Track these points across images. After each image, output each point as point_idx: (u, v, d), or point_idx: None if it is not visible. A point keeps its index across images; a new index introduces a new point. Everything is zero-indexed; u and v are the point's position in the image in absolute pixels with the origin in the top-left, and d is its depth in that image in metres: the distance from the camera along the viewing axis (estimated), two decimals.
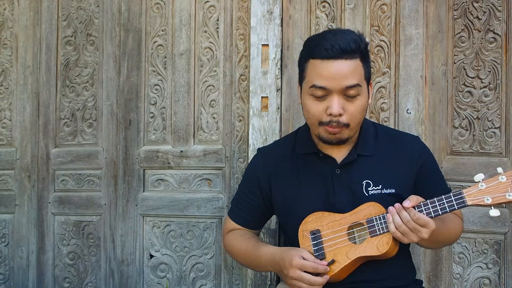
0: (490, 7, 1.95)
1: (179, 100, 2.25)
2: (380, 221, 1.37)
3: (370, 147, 1.52)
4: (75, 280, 2.38)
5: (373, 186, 1.47)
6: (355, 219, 1.41)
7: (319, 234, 1.43)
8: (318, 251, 1.42)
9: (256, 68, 2.10)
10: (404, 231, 1.33)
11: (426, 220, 1.31)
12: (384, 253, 1.37)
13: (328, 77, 1.37)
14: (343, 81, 1.37)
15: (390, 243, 1.36)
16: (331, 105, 1.38)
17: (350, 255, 1.39)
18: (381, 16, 2.04)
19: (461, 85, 1.98)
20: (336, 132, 1.42)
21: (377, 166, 1.50)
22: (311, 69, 1.41)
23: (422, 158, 1.53)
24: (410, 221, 1.31)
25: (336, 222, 1.43)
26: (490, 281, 1.95)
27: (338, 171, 1.50)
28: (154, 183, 2.28)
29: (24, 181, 2.43)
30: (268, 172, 1.58)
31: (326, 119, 1.40)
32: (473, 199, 1.30)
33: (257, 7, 2.11)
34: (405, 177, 1.50)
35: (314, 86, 1.39)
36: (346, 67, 1.37)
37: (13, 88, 2.46)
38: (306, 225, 1.46)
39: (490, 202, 1.29)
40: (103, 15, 2.35)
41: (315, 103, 1.41)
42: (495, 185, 1.29)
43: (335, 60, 1.36)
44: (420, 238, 1.33)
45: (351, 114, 1.40)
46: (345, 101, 1.39)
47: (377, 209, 1.39)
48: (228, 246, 1.67)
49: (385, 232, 1.37)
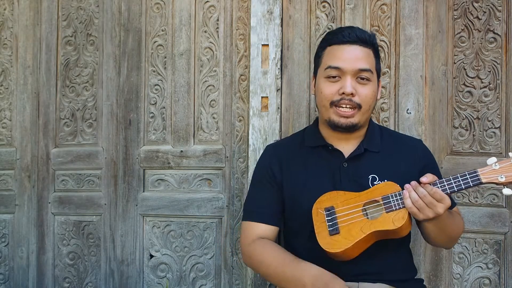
0: (490, 7, 1.95)
1: (179, 100, 2.25)
2: (396, 198, 1.40)
3: (377, 143, 1.58)
4: (75, 280, 2.38)
5: (379, 180, 1.51)
6: (370, 197, 1.43)
7: (333, 211, 1.44)
8: (333, 226, 1.42)
9: (256, 68, 2.10)
10: (420, 206, 1.36)
11: (442, 195, 1.35)
12: (399, 227, 1.37)
13: (343, 58, 1.48)
14: (357, 63, 1.47)
15: (405, 218, 1.37)
16: (344, 85, 1.47)
17: (365, 229, 1.39)
18: (381, 16, 2.04)
19: (461, 85, 1.98)
20: (348, 115, 1.48)
21: (383, 162, 1.54)
22: (328, 53, 1.52)
23: (425, 159, 1.59)
24: (427, 196, 1.35)
25: (351, 199, 1.44)
26: (490, 281, 1.95)
27: (345, 164, 1.54)
28: (154, 183, 2.28)
29: (24, 181, 2.43)
30: (280, 164, 1.61)
31: (337, 97, 1.48)
32: (487, 177, 1.35)
33: (257, 7, 2.11)
34: (409, 174, 1.52)
35: (329, 67, 1.49)
36: (360, 51, 1.48)
37: (13, 88, 2.46)
38: (320, 204, 1.47)
39: (504, 180, 1.34)
40: (103, 15, 2.35)
41: (329, 84, 1.50)
42: (509, 166, 1.35)
43: (350, 45, 1.49)
44: (435, 213, 1.36)
45: (363, 96, 1.49)
46: (357, 84, 1.49)
47: (392, 188, 1.42)
48: (256, 256, 1.54)
49: (401, 208, 1.39)
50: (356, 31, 1.50)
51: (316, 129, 1.62)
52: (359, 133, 1.56)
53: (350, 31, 1.50)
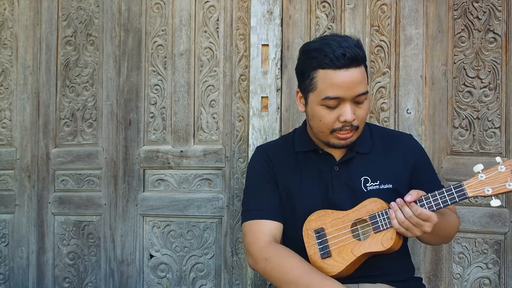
0: (490, 7, 1.95)
1: (179, 100, 2.25)
2: (383, 217, 1.38)
3: (367, 145, 1.55)
4: (75, 280, 2.38)
5: (371, 182, 1.49)
6: (358, 216, 1.42)
7: (323, 233, 1.44)
8: (324, 249, 1.43)
9: (256, 68, 2.10)
10: (408, 226, 1.34)
11: (428, 214, 1.32)
12: (388, 248, 1.38)
13: (342, 86, 1.38)
14: (356, 89, 1.39)
15: (394, 238, 1.37)
16: (344, 113, 1.40)
17: (356, 252, 1.39)
18: (381, 16, 2.04)
19: (461, 85, 1.98)
20: (347, 138, 1.45)
21: (374, 163, 1.52)
22: (323, 79, 1.40)
23: (416, 154, 1.57)
24: (413, 217, 1.33)
25: (339, 219, 1.44)
26: (490, 281, 1.95)
27: (336, 168, 1.52)
28: (154, 183, 2.28)
29: (24, 181, 2.43)
30: (273, 168, 1.58)
31: (338, 126, 1.43)
32: (473, 190, 1.30)
33: (257, 7, 2.11)
34: (401, 172, 1.52)
35: (328, 97, 1.40)
36: (358, 75, 1.39)
37: (13, 88, 2.46)
38: (309, 224, 1.47)
39: (490, 192, 1.29)
40: (103, 15, 2.35)
41: (328, 112, 1.42)
42: (495, 175, 1.29)
43: (347, 70, 1.37)
44: (423, 232, 1.34)
45: (360, 117, 1.44)
46: (355, 107, 1.42)
47: (379, 205, 1.41)
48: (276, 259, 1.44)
49: (388, 228, 1.38)
50: (347, 50, 1.36)
51: (305, 133, 1.58)
52: None
53: (342, 52, 1.36)
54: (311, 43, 1.49)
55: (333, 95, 1.39)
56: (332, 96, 1.39)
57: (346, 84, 1.38)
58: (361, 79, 1.40)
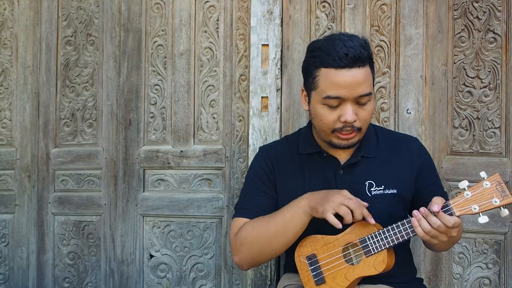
0: (490, 7, 1.95)
1: (179, 100, 2.25)
2: (373, 240, 1.37)
3: (373, 148, 1.54)
4: (75, 280, 2.38)
5: (376, 186, 1.49)
6: (348, 240, 1.41)
7: (315, 259, 1.44)
8: (317, 275, 1.43)
9: (256, 68, 2.10)
10: (435, 235, 1.31)
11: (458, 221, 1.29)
12: (381, 271, 1.38)
13: (343, 86, 1.37)
14: (357, 90, 1.37)
15: (386, 261, 1.37)
16: (345, 113, 1.39)
17: (349, 277, 1.40)
18: (381, 16, 2.04)
19: (461, 85, 1.98)
20: (349, 138, 1.43)
21: (379, 167, 1.51)
22: (324, 78, 1.39)
23: (421, 158, 1.56)
24: (442, 226, 1.29)
25: (330, 244, 1.43)
26: (490, 281, 1.95)
27: (341, 171, 1.51)
28: (154, 183, 2.28)
29: (24, 181, 2.43)
30: (273, 169, 1.58)
31: (339, 126, 1.41)
32: (460, 209, 1.29)
33: (257, 7, 2.11)
34: (406, 177, 1.52)
35: (328, 97, 1.39)
36: (360, 75, 1.37)
37: (13, 88, 2.46)
38: (301, 250, 1.47)
39: (477, 210, 1.28)
40: (103, 15, 2.35)
41: (328, 111, 1.41)
42: (480, 192, 1.28)
43: (349, 69, 1.36)
44: (449, 237, 1.32)
45: (363, 119, 1.42)
46: (357, 108, 1.40)
47: (369, 228, 1.39)
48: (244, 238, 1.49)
49: (379, 251, 1.37)
50: (351, 50, 1.35)
51: (310, 134, 1.57)
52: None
53: (345, 51, 1.35)
54: (317, 41, 1.49)
55: (333, 94, 1.38)
56: (332, 96, 1.38)
57: (348, 84, 1.36)
58: (364, 80, 1.38)
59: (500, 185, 1.28)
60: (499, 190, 1.28)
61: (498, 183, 1.28)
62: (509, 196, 1.27)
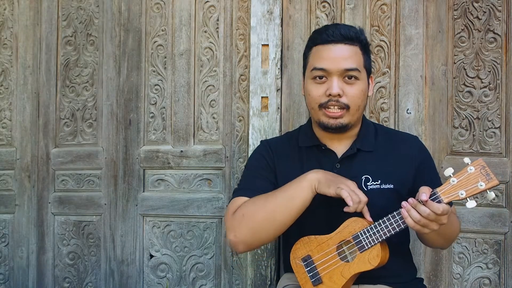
0: (490, 7, 1.95)
1: (179, 100, 2.25)
2: (366, 235, 1.37)
3: (370, 143, 1.55)
4: (75, 280, 2.38)
5: (372, 181, 1.49)
6: (341, 238, 1.42)
7: (310, 260, 1.44)
8: (314, 276, 1.43)
9: (256, 68, 2.10)
10: (425, 223, 1.31)
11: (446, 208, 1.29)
12: (376, 266, 1.38)
13: (328, 58, 1.45)
14: (342, 63, 1.44)
15: (380, 255, 1.37)
16: (330, 86, 1.45)
17: (345, 274, 1.40)
18: (381, 16, 2.04)
19: (461, 85, 1.98)
20: (336, 117, 1.46)
21: (376, 162, 1.52)
22: (313, 54, 1.49)
23: (421, 156, 1.57)
24: (431, 214, 1.29)
25: (324, 244, 1.43)
26: (490, 281, 1.95)
27: (338, 165, 1.52)
28: (154, 183, 2.28)
29: (24, 181, 2.43)
30: (274, 158, 1.59)
31: (325, 99, 1.46)
32: (448, 196, 1.29)
33: (257, 7, 2.11)
34: (403, 174, 1.52)
35: (315, 68, 1.47)
36: (346, 50, 1.45)
37: (13, 88, 2.46)
38: (295, 253, 1.47)
39: (464, 195, 1.28)
40: (103, 15, 2.35)
41: (316, 86, 1.48)
42: (466, 178, 1.29)
43: (335, 44, 1.45)
44: (440, 225, 1.32)
45: (351, 96, 1.46)
46: (344, 84, 1.46)
47: (360, 224, 1.40)
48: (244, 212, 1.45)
49: (373, 246, 1.37)
50: (341, 28, 1.46)
51: (310, 128, 1.60)
52: (352, 133, 1.55)
53: (334, 29, 1.45)
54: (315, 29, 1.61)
55: (319, 66, 1.46)
56: (318, 67, 1.46)
57: (332, 56, 1.45)
58: (350, 56, 1.45)
59: (484, 169, 1.28)
60: (484, 174, 1.28)
61: (482, 167, 1.28)
62: (494, 179, 1.27)
